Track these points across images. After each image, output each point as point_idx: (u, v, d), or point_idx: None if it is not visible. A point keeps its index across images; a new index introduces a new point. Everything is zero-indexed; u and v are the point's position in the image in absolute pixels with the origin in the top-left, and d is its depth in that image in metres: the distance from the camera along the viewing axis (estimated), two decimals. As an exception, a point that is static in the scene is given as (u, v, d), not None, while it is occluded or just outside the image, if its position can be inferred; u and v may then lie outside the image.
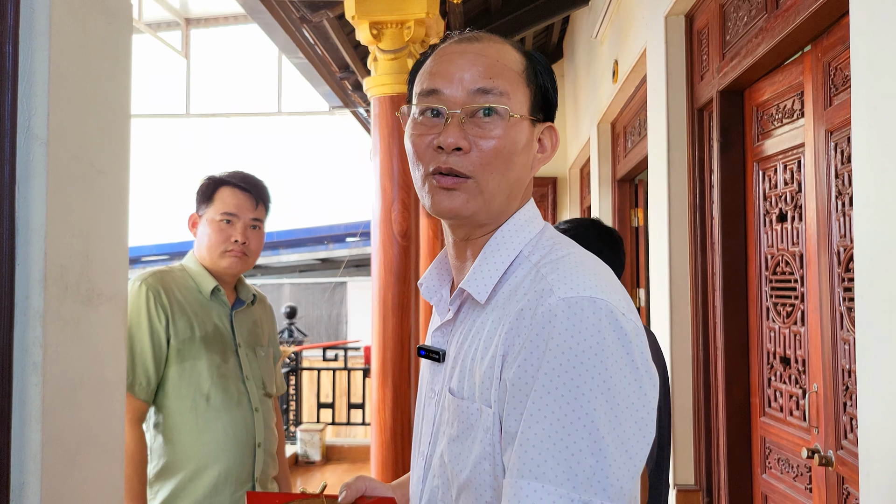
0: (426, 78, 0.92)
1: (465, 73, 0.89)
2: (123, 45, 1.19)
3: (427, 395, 0.98)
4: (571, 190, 7.16)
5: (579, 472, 0.73)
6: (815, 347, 2.01)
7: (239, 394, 1.83)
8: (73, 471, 1.06)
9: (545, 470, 0.73)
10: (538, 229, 0.94)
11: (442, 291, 1.01)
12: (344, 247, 14.59)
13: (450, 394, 0.89)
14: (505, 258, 0.90)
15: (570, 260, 0.86)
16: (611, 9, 4.26)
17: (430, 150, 0.89)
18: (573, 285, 0.80)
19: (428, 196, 0.90)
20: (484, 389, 0.84)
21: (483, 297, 0.89)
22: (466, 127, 0.88)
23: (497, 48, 0.92)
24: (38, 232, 0.99)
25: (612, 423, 0.74)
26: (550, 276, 0.83)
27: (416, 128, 0.91)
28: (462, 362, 0.89)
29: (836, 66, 1.88)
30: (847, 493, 1.85)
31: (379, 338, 3.19)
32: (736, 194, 2.54)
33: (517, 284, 0.87)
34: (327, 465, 6.36)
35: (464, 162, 0.87)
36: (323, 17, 3.82)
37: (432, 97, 0.90)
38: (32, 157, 1.00)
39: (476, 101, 0.88)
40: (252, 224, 1.90)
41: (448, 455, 0.88)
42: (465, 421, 0.86)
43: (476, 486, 0.84)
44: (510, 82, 0.90)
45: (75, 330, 1.06)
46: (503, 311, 0.86)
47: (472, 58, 0.90)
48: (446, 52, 0.92)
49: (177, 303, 1.80)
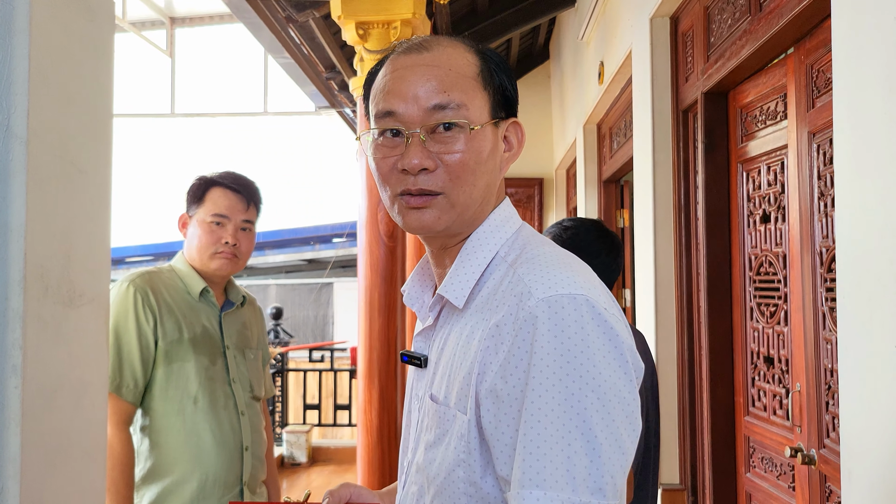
0: (381, 98, 0.89)
1: (418, 89, 0.87)
2: (106, 42, 1.18)
3: (413, 401, 0.98)
4: (558, 191, 7.18)
5: (577, 475, 0.73)
6: (798, 347, 2.02)
7: (225, 397, 1.82)
8: (53, 474, 1.05)
9: (545, 476, 0.73)
10: (514, 229, 0.93)
11: (424, 298, 1.01)
12: (330, 247, 14.55)
13: (430, 400, 0.89)
14: (481, 261, 0.90)
15: (544, 258, 0.85)
16: (597, 10, 4.28)
17: (395, 173, 0.88)
18: (551, 284, 0.80)
19: (399, 216, 0.90)
20: (461, 396, 0.83)
21: (460, 302, 0.88)
22: (428, 144, 0.87)
23: (448, 55, 0.90)
24: (18, 232, 0.98)
25: (604, 420, 0.74)
26: (527, 277, 0.82)
27: (378, 150, 0.89)
28: (443, 368, 0.89)
29: (818, 69, 1.90)
30: (829, 492, 1.86)
31: (365, 339, 3.18)
32: (720, 195, 2.55)
33: (495, 287, 0.86)
34: (313, 466, 6.34)
35: (432, 179, 0.87)
36: (309, 16, 3.81)
37: (389, 119, 0.88)
38: (12, 156, 0.98)
39: (434, 118, 0.86)
40: (243, 226, 1.88)
41: (424, 461, 0.88)
42: (442, 427, 0.85)
43: (450, 493, 0.83)
44: (465, 91, 0.88)
45: (56, 331, 1.05)
46: (481, 315, 0.85)
47: (424, 71, 0.88)
48: (397, 66, 0.90)
49: (165, 304, 1.78)
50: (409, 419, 0.99)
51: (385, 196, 0.91)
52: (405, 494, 0.94)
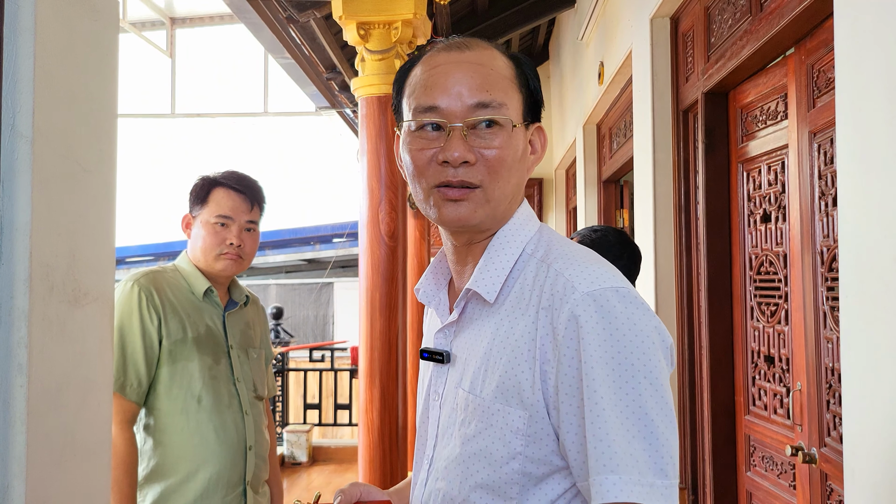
0: (422, 92, 0.91)
1: (462, 86, 0.89)
2: (110, 42, 1.18)
3: (432, 398, 0.98)
4: (557, 191, 7.19)
5: (639, 458, 0.77)
6: (798, 346, 2.03)
7: (229, 396, 1.82)
8: (58, 473, 1.05)
9: (618, 462, 0.77)
10: (536, 228, 0.96)
11: (440, 295, 1.02)
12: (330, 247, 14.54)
13: (468, 393, 0.90)
14: (510, 257, 0.92)
15: (576, 255, 0.88)
16: (596, 11, 4.28)
17: (434, 165, 0.90)
18: (593, 278, 0.83)
19: (434, 208, 0.91)
20: (507, 390, 0.85)
21: (492, 296, 0.90)
22: (469, 139, 0.89)
23: (489, 56, 0.92)
24: (24, 231, 0.98)
25: (658, 404, 0.79)
26: (567, 272, 0.85)
27: (416, 142, 0.91)
28: (477, 362, 0.90)
29: (819, 69, 1.90)
30: (830, 490, 1.87)
31: (367, 338, 3.18)
32: (720, 195, 2.56)
33: (529, 283, 0.89)
34: (314, 465, 6.34)
35: (472, 172, 0.89)
36: (310, 17, 3.81)
37: (432, 113, 0.90)
38: (17, 155, 0.98)
39: (475, 114, 0.89)
40: (247, 227, 1.88)
41: (463, 453, 0.88)
42: (485, 420, 0.87)
43: (499, 484, 0.85)
44: (505, 91, 0.91)
45: (61, 330, 1.05)
46: (519, 309, 0.88)
47: (467, 68, 0.90)
48: (438, 62, 0.92)
49: (169, 303, 1.78)
50: (426, 416, 0.99)
51: (418, 188, 0.92)
52: (431, 490, 0.94)
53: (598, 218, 5.10)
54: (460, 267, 0.98)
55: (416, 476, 1.01)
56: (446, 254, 1.02)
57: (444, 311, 1.00)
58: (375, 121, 3.18)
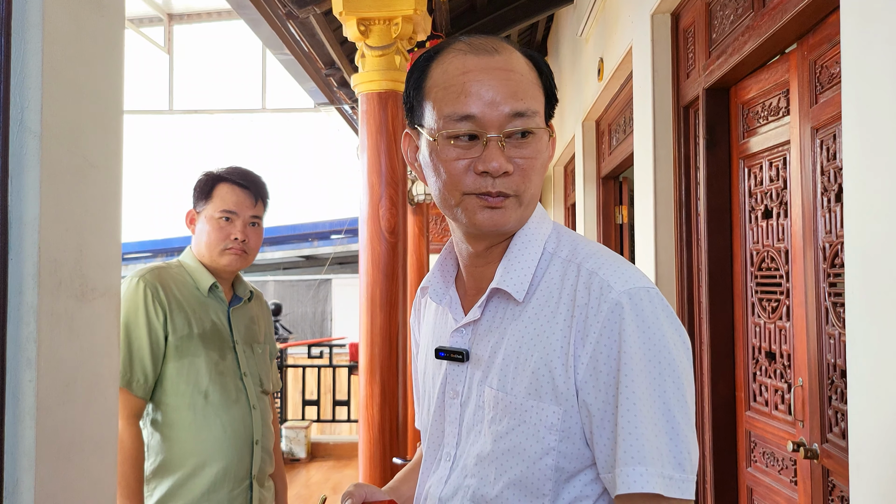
0: (454, 99, 0.89)
1: (497, 94, 0.88)
2: (116, 37, 1.18)
3: (448, 396, 0.98)
4: (556, 188, 7.19)
5: (663, 452, 0.81)
6: (800, 342, 2.03)
7: (237, 391, 1.82)
8: (67, 467, 1.05)
9: (645, 454, 0.81)
10: (551, 226, 0.98)
11: (449, 293, 1.02)
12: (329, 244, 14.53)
13: (496, 391, 0.91)
14: (533, 255, 0.93)
15: (604, 254, 0.91)
16: (596, 7, 4.28)
17: (471, 174, 0.89)
18: (626, 278, 0.86)
19: (467, 215, 0.91)
20: (541, 386, 0.87)
21: (521, 294, 0.91)
22: (506, 149, 0.89)
23: (516, 60, 0.92)
24: (32, 226, 0.98)
25: (679, 402, 0.83)
26: (601, 272, 0.88)
27: (451, 151, 0.90)
28: (503, 360, 0.91)
29: (822, 64, 1.90)
30: (832, 486, 1.87)
31: (367, 334, 3.18)
32: (721, 191, 2.56)
33: (556, 281, 0.91)
34: (312, 462, 6.34)
35: (510, 183, 0.90)
36: (310, 12, 3.80)
37: (467, 122, 0.89)
38: (26, 150, 0.98)
39: (512, 124, 0.89)
40: (251, 221, 1.89)
41: (496, 450, 0.90)
42: (518, 417, 0.88)
43: (532, 480, 0.87)
44: (536, 98, 0.92)
45: (69, 325, 1.05)
46: (549, 307, 0.89)
47: (500, 75, 0.89)
48: (467, 66, 0.90)
49: (174, 299, 1.79)
50: (440, 414, 1.00)
51: (448, 195, 0.92)
52: (456, 488, 0.94)
53: (597, 214, 5.10)
54: (477, 268, 0.98)
55: (429, 473, 1.01)
56: (458, 254, 1.02)
57: (456, 310, 1.00)
58: (376, 117, 3.18)
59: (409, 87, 0.97)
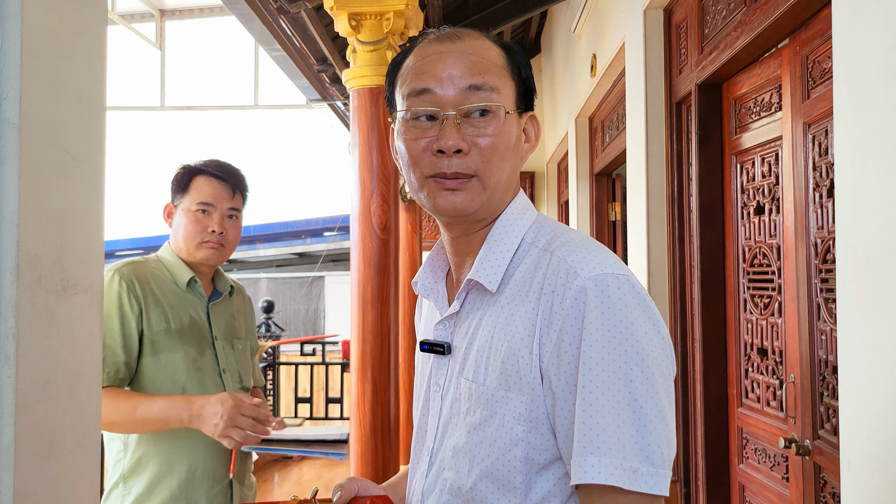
0: (413, 77, 0.92)
1: (454, 70, 0.90)
2: (98, 29, 1.16)
3: (433, 390, 0.98)
4: (549, 184, 7.19)
5: (626, 443, 0.77)
6: (791, 338, 2.03)
7: (215, 387, 1.80)
8: (47, 465, 1.03)
9: (599, 444, 0.77)
10: (534, 217, 0.96)
11: (438, 287, 1.02)
12: (321, 241, 14.49)
13: (470, 382, 0.90)
14: (510, 246, 0.92)
15: (579, 242, 0.88)
16: (589, 3, 4.27)
17: (428, 154, 0.90)
18: (595, 264, 0.83)
19: (428, 198, 0.91)
20: (510, 376, 0.85)
21: (494, 286, 0.90)
22: (462, 127, 0.89)
23: (480, 44, 0.93)
24: (11, 220, 0.96)
25: (648, 392, 0.79)
26: (569, 259, 0.85)
27: (410, 131, 0.91)
28: (477, 351, 0.90)
29: (814, 60, 1.90)
30: (824, 482, 1.87)
31: (358, 331, 3.16)
32: (714, 187, 2.56)
33: (531, 270, 0.89)
34: (304, 459, 6.32)
35: (466, 162, 0.89)
36: (301, 7, 3.77)
37: (424, 97, 0.90)
38: (4, 142, 0.96)
39: (469, 100, 0.89)
40: (229, 214, 1.86)
41: (469, 442, 0.89)
42: (489, 408, 0.87)
43: (503, 472, 0.85)
44: (498, 77, 0.91)
45: (49, 321, 1.03)
46: (520, 298, 0.88)
47: (459, 56, 0.91)
48: (429, 51, 0.92)
49: (151, 294, 1.76)
50: (426, 408, 0.99)
51: (412, 178, 0.92)
52: (434, 481, 0.94)
53: (590, 211, 5.09)
54: (459, 258, 0.98)
55: (414, 468, 1.00)
56: (445, 246, 1.02)
57: (443, 303, 1.00)
58: (367, 112, 3.16)
59: (387, 82, 0.98)
